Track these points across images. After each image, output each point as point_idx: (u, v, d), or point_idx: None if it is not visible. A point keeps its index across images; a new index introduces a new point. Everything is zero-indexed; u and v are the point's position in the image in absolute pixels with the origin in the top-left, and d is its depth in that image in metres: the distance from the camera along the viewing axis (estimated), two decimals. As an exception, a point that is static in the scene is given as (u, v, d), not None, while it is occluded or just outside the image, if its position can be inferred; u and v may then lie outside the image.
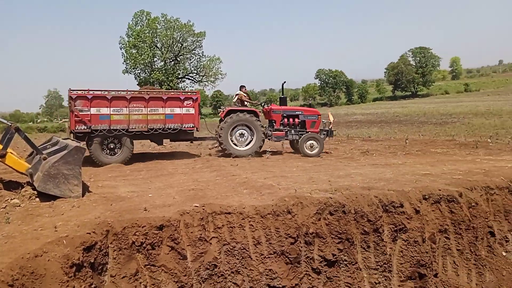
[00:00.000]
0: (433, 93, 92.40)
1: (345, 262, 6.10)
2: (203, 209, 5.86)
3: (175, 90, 10.84)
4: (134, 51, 56.46)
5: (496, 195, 7.59)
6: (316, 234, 6.07)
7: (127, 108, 11.26)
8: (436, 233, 6.67)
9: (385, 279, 6.16)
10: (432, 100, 75.56)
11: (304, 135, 13.04)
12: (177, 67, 60.51)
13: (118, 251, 5.07)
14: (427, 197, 6.82)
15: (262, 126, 12.81)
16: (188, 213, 5.76)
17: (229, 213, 5.91)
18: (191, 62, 61.27)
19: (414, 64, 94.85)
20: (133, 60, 56.09)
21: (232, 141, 12.49)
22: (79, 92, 10.93)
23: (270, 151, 13.18)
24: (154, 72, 57.27)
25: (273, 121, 13.39)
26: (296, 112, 13.76)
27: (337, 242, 6.14)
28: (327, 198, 6.35)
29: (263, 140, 12.87)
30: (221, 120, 12.94)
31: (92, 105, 10.98)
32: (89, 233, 4.84)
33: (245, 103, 13.49)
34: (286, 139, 13.60)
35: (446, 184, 7.37)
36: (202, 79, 61.28)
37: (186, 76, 61.48)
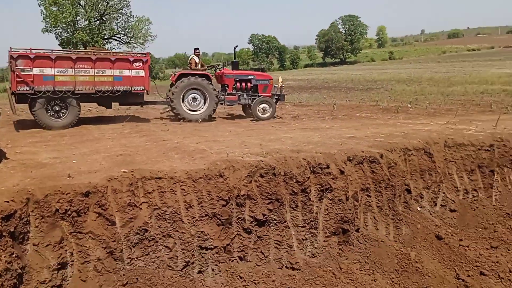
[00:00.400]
0: (361, 61, 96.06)
1: (274, 222, 6.33)
2: (132, 175, 5.74)
3: (124, 51, 10.43)
4: (54, 8, 52.10)
5: (413, 156, 8.18)
6: (247, 196, 6.22)
7: (73, 69, 10.75)
8: (359, 192, 7.11)
9: (312, 236, 6.51)
10: (359, 67, 78.60)
11: (256, 99, 13.08)
12: (103, 27, 56.86)
13: (40, 219, 4.85)
14: (351, 158, 7.20)
15: (215, 90, 12.62)
16: (116, 178, 5.61)
17: (160, 178, 5.85)
18: (118, 22, 57.79)
19: (344, 32, 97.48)
20: (53, 18, 51.79)
21: (184, 105, 12.26)
22: (21, 51, 10.39)
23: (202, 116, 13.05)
24: (78, 32, 53.42)
25: (226, 85, 13.29)
26: (249, 77, 13.71)
27: (267, 203, 6.33)
28: (258, 161, 6.48)
29: (216, 104, 12.73)
30: (172, 84, 12.65)
31: (35, 65, 10.38)
32: (7, 202, 4.56)
33: (195, 66, 13.26)
34: (238, 103, 13.61)
35: (368, 146, 7.81)
36: (130, 40, 58.28)
37: (113, 37, 58.12)
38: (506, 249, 6.97)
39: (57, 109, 10.85)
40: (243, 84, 13.49)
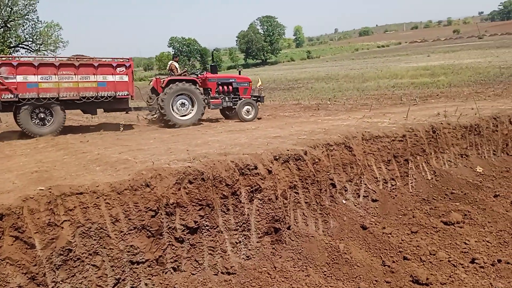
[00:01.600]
0: (281, 61, 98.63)
1: (207, 227, 6.25)
2: (50, 192, 5.34)
3: (107, 57, 10.72)
4: (-50, 15, 47.15)
5: (335, 150, 8.53)
6: (177, 204, 6.07)
7: (56, 76, 10.87)
8: (287, 190, 7.26)
9: (245, 238, 6.52)
10: (280, 67, 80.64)
11: (241, 101, 13.60)
12: (8, 34, 52.56)
13: None
14: (277, 157, 7.33)
15: (202, 94, 12.90)
16: (32, 197, 5.19)
17: (81, 193, 5.50)
18: (24, 29, 53.78)
19: (262, 32, 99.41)
20: (-51, 26, 46.86)
21: (173, 110, 12.38)
22: (4, 59, 10.64)
23: (123, 124, 12.57)
24: (-20, 41, 48.82)
25: (209, 89, 13.56)
26: (230, 80, 14.25)
27: (198, 209, 6.24)
28: (186, 167, 6.36)
29: (204, 108, 12.99)
30: (152, 90, 13.05)
31: (18, 73, 10.50)
32: None
33: (176, 72, 13.58)
34: (222, 107, 14.01)
35: (293, 144, 8.01)
36: (40, 47, 54.49)
37: (20, 45, 53.97)
38: (425, 233, 7.50)
39: (42, 116, 10.93)
40: (225, 87, 13.96)
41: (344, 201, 8.22)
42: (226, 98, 13.88)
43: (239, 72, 15.35)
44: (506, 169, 10.52)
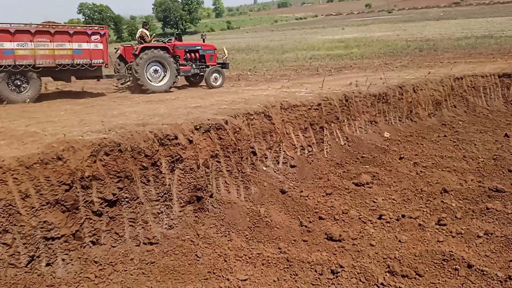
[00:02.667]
0: (200, 30, 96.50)
1: (126, 199, 6.12)
2: None
3: (82, 25, 10.83)
4: None
5: (255, 119, 8.69)
6: (93, 177, 5.84)
7: (32, 43, 10.70)
8: (209, 159, 7.30)
9: (167, 208, 6.49)
10: (199, 37, 78.85)
11: (209, 69, 13.98)
12: None
13: None
14: (198, 127, 7.30)
15: (174, 62, 13.06)
16: None
17: (-17, 169, 5.07)
18: None
19: (180, 1, 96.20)
20: None
21: (147, 77, 12.54)
22: None
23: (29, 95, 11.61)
24: None
25: (178, 56, 13.64)
26: (197, 47, 14.51)
27: (117, 182, 6.06)
28: (101, 139, 6.10)
29: (176, 76, 13.20)
30: (120, 57, 13.38)
31: None
32: None
33: (148, 39, 13.77)
34: (190, 74, 14.29)
35: (214, 114, 8.01)
36: None
37: None
38: (338, 194, 8.01)
39: (18, 83, 10.81)
40: (193, 54, 14.28)
41: (264, 168, 8.47)
42: (193, 65, 14.21)
43: (203, 39, 15.41)
44: (410, 133, 11.50)
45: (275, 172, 8.53)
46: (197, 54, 14.36)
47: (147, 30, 14.05)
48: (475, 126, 12.28)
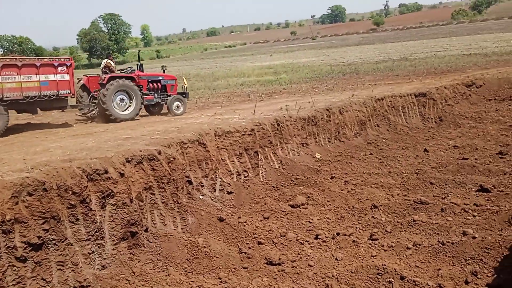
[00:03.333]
0: (129, 60, 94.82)
1: (53, 242, 5.72)
2: None
3: (48, 57, 12.89)
4: None
5: (189, 148, 8.63)
6: (15, 220, 5.42)
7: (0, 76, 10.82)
8: (142, 191, 7.08)
9: (99, 247, 6.16)
10: (127, 65, 77.25)
11: (171, 98, 14.66)
12: None
13: None
14: (130, 159, 7.09)
15: (140, 91, 13.50)
16: None
17: None
18: None
19: (107, 31, 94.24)
20: None
21: (113, 106, 12.80)
22: None
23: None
24: None
25: (141, 86, 13.98)
26: (159, 78, 15.26)
27: (42, 223, 5.66)
28: (23, 178, 5.71)
29: (142, 104, 13.66)
30: (83, 87, 13.67)
31: None
32: None
33: (112, 69, 14.12)
34: (154, 102, 14.80)
35: (146, 145, 7.84)
36: None
37: None
38: (275, 218, 8.10)
39: None
40: (155, 84, 14.98)
41: (201, 197, 8.38)
42: (156, 94, 14.83)
43: (164, 70, 15.96)
44: (339, 153, 12.00)
45: (212, 200, 8.46)
46: (159, 84, 15.11)
47: (112, 60, 14.49)
48: (397, 143, 13.11)
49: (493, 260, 5.81)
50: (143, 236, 6.73)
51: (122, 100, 13.06)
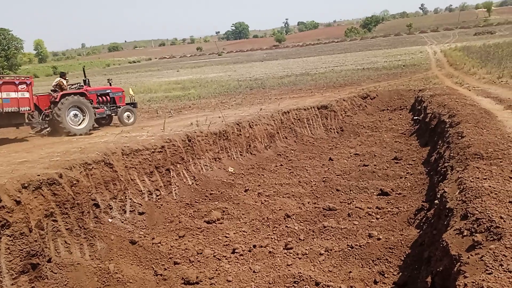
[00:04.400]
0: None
1: None
2: None
3: (10, 75, 11.32)
4: None
5: (95, 169, 8.13)
6: None
7: None
8: (43, 219, 6.49)
9: (-7, 285, 5.49)
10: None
11: (121, 109, 15.38)
12: None
13: None
14: (26, 185, 6.46)
15: (93, 106, 14.10)
16: None
17: None
18: None
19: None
20: None
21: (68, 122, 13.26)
22: None
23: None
24: None
25: (91, 100, 14.36)
26: (107, 91, 15.67)
27: None
28: None
29: (94, 119, 14.18)
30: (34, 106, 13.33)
31: None
32: None
33: (65, 87, 14.26)
34: (105, 115, 15.21)
35: (45, 168, 7.22)
36: None
37: None
38: (191, 235, 7.92)
39: None
40: (104, 98, 15.40)
41: (110, 220, 7.92)
42: (105, 107, 15.20)
43: (110, 83, 16.41)
44: (252, 166, 12.20)
45: (122, 222, 8.04)
46: (107, 97, 15.57)
47: (65, 79, 14.74)
48: (304, 154, 13.70)
49: (397, 259, 6.28)
50: (46, 268, 6.15)
51: (75, 115, 13.58)
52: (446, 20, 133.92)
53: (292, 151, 13.98)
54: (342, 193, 9.54)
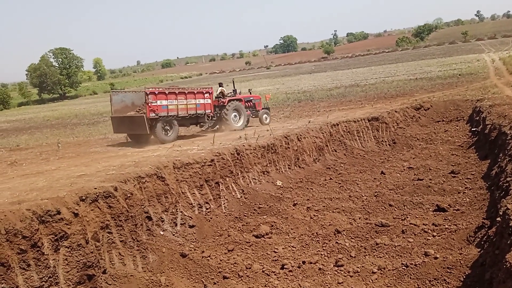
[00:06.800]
0: (82, 94, 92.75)
1: (1, 292, 5.28)
2: None
3: (202, 87, 17.01)
4: None
5: (147, 182, 8.36)
6: (-43, 272, 4.97)
7: (176, 100, 14.97)
8: (99, 231, 6.74)
9: (53, 294, 5.74)
10: (81, 101, 75.72)
11: (261, 111, 19.36)
12: None
13: None
14: (84, 198, 6.75)
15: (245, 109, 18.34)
16: None
17: None
18: None
19: (57, 65, 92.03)
20: None
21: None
22: (150, 89, 14.74)
23: None
24: None
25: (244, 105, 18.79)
26: (250, 98, 19.48)
27: (-12, 272, 5.23)
28: (-34, 225, 5.29)
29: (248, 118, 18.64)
30: None
31: (158, 98, 14.50)
32: None
33: (224, 95, 18.23)
34: (250, 117, 18.91)
35: (101, 182, 7.52)
36: None
37: None
38: (240, 249, 7.92)
39: (167, 128, 14.96)
40: (249, 103, 19.03)
41: (162, 232, 8.09)
42: (250, 110, 19.08)
43: (250, 92, 20.49)
44: (300, 179, 12.07)
45: (173, 235, 8.18)
46: (251, 103, 19.34)
47: (223, 88, 18.55)
48: (355, 167, 13.38)
49: (456, 280, 5.92)
50: (101, 279, 6.36)
51: (235, 116, 17.84)
52: (504, 26, 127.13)
53: (341, 165, 13.70)
54: (395, 209, 9.18)
